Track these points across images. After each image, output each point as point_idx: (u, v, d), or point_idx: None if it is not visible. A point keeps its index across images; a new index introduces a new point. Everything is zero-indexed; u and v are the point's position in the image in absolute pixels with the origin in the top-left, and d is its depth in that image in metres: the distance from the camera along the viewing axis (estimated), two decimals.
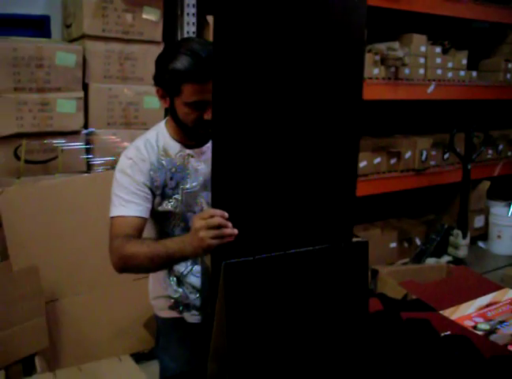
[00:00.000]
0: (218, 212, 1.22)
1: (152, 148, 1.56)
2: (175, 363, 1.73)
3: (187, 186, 1.57)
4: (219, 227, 1.21)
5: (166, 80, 1.48)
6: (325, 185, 1.32)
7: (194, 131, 1.52)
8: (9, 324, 2.28)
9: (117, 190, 1.54)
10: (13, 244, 2.56)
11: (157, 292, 1.74)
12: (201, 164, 1.59)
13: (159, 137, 1.59)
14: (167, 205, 1.57)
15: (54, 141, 2.70)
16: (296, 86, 1.24)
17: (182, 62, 1.43)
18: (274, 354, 1.20)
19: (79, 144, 2.78)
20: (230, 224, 1.22)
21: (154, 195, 1.55)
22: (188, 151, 1.58)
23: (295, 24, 1.20)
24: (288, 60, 1.22)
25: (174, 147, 1.58)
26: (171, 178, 1.56)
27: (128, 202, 1.51)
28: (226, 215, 1.22)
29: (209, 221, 1.22)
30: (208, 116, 1.45)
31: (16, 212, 2.57)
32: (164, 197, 1.56)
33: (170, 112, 1.54)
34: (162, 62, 1.51)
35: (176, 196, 1.57)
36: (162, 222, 1.61)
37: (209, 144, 1.56)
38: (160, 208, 1.57)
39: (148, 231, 1.62)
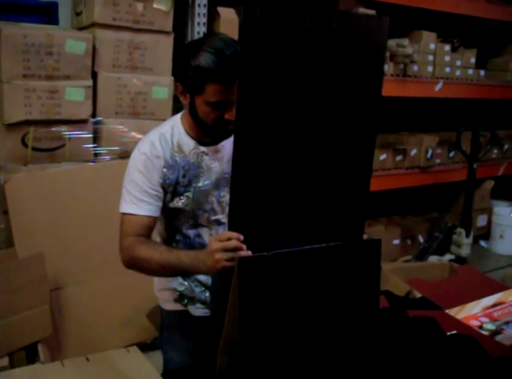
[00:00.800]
0: (235, 235, 1.24)
1: (166, 144, 1.54)
2: (179, 356, 1.73)
3: (199, 184, 1.56)
4: (234, 249, 1.24)
5: (188, 78, 1.45)
6: (340, 181, 1.32)
7: (213, 130, 1.50)
8: (13, 312, 2.28)
9: (129, 186, 1.53)
10: (19, 231, 2.56)
11: (162, 284, 1.74)
12: (214, 163, 1.57)
13: (174, 132, 1.57)
14: (178, 203, 1.56)
15: (62, 129, 2.69)
16: (318, 86, 1.24)
17: (206, 60, 1.39)
18: (285, 349, 1.20)
19: (86, 133, 2.76)
20: (245, 247, 1.24)
21: (165, 192, 1.54)
22: (202, 148, 1.56)
23: (319, 37, 1.20)
24: (312, 63, 1.22)
25: (188, 144, 1.56)
26: (184, 176, 1.54)
27: (140, 201, 1.51)
28: (242, 238, 1.24)
29: (227, 244, 1.24)
30: (229, 116, 1.43)
31: (23, 200, 2.57)
32: (176, 194, 1.55)
33: (189, 109, 1.51)
34: (184, 58, 1.46)
35: (188, 193, 1.55)
36: (171, 217, 1.61)
37: (224, 143, 1.56)
38: (170, 205, 1.56)
39: (157, 225, 1.62)
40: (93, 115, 2.79)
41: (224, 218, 1.59)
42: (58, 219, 2.65)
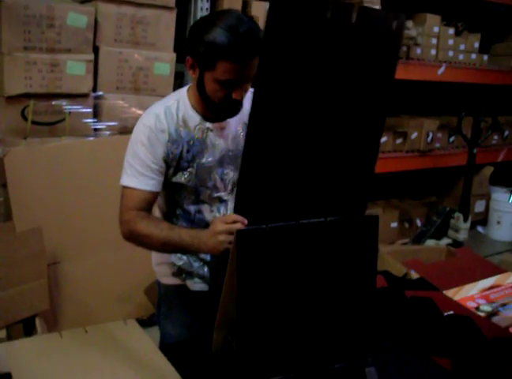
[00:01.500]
0: (240, 218, 1.24)
1: (171, 117, 1.52)
2: (176, 330, 1.74)
3: (203, 161, 1.54)
4: None
5: (200, 53, 1.41)
6: (347, 162, 1.32)
7: (219, 107, 1.48)
8: (10, 285, 2.28)
9: (131, 159, 1.52)
10: (17, 205, 2.55)
11: (161, 258, 1.74)
12: (219, 139, 1.55)
13: (179, 106, 1.54)
14: (181, 178, 1.55)
15: (62, 103, 2.67)
16: (333, 74, 1.25)
17: (220, 37, 1.36)
18: (281, 323, 1.21)
19: (87, 108, 2.74)
20: None
21: (168, 167, 1.53)
22: (208, 124, 1.54)
23: (339, 29, 1.22)
24: (330, 53, 1.22)
25: (194, 118, 1.54)
26: (188, 151, 1.53)
27: (142, 175, 1.49)
28: (246, 222, 1.24)
29: (232, 226, 1.25)
30: (236, 96, 1.42)
31: (22, 173, 2.56)
32: (178, 169, 1.54)
33: (197, 84, 1.48)
34: (197, 32, 1.43)
35: (190, 169, 1.54)
36: (173, 192, 1.60)
37: (230, 120, 1.55)
38: (173, 179, 1.55)
39: (158, 199, 1.61)
40: (94, 90, 2.77)
41: (225, 195, 1.59)
42: (57, 194, 2.64)
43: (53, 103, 2.65)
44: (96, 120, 2.80)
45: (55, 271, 2.62)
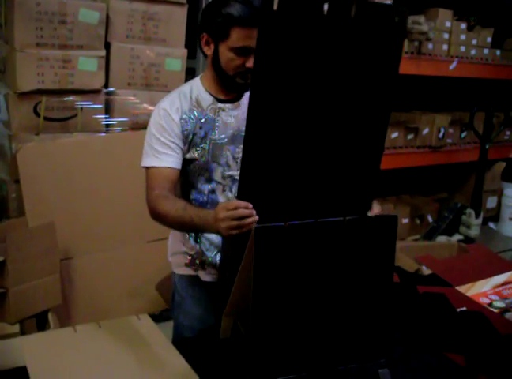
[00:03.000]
0: (243, 203, 1.25)
1: (185, 99, 1.60)
2: (188, 321, 1.76)
3: (215, 137, 1.60)
4: (241, 218, 1.25)
5: (216, 24, 1.50)
6: (352, 157, 1.32)
7: (233, 80, 1.55)
8: (23, 280, 2.30)
9: (150, 140, 1.59)
10: (30, 200, 2.57)
11: (175, 248, 1.78)
12: (230, 118, 1.61)
13: (193, 89, 1.63)
14: (194, 153, 1.60)
15: (74, 99, 2.69)
16: (335, 70, 1.25)
17: (234, 7, 1.47)
18: (296, 321, 1.21)
19: (98, 104, 2.76)
20: (254, 212, 1.24)
21: (183, 144, 1.59)
22: (220, 104, 1.61)
23: (337, 25, 1.22)
24: (330, 49, 1.23)
25: (206, 99, 1.61)
26: (201, 128, 1.59)
27: (161, 153, 1.56)
28: (250, 206, 1.24)
29: (233, 213, 1.25)
30: (249, 64, 1.47)
31: (34, 169, 2.57)
32: (192, 145, 1.60)
33: (212, 60, 1.56)
34: (213, 7, 1.53)
35: (203, 145, 1.60)
36: (187, 170, 1.64)
37: (242, 101, 1.62)
38: (187, 156, 1.60)
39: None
40: (105, 86, 2.79)
41: (237, 175, 1.61)
42: (69, 189, 2.65)
43: (65, 99, 2.67)
44: (107, 116, 2.81)
45: (68, 266, 2.64)
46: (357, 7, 1.20)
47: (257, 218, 1.24)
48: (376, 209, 1.40)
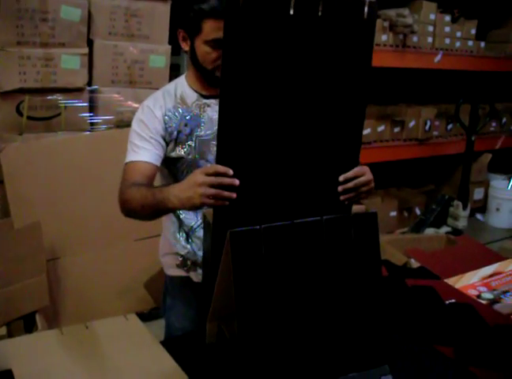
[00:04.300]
0: (222, 168, 1.19)
1: (169, 96, 1.59)
2: (180, 323, 1.74)
3: (201, 133, 1.58)
4: (219, 186, 1.19)
5: (188, 19, 1.50)
6: (328, 153, 1.31)
7: (212, 74, 1.53)
8: (10, 282, 2.28)
9: (131, 138, 1.57)
10: (15, 201, 2.54)
11: (166, 249, 1.76)
12: (216, 114, 1.57)
13: (177, 87, 1.61)
14: (180, 151, 1.58)
15: (58, 98, 2.66)
16: (306, 69, 1.24)
17: (204, 0, 1.45)
18: (286, 328, 1.18)
19: (82, 102, 2.73)
20: (236, 182, 1.19)
21: (167, 142, 1.57)
22: (205, 100, 1.60)
23: (305, 23, 1.21)
24: (299, 49, 1.22)
25: (191, 96, 1.60)
26: (186, 125, 1.57)
27: (140, 148, 1.53)
28: (231, 172, 1.19)
29: (213, 179, 1.19)
30: None
31: (19, 169, 2.55)
32: (178, 142, 1.57)
33: (190, 56, 1.55)
34: (185, 2, 1.53)
35: (190, 142, 1.58)
36: (174, 169, 1.61)
37: None
38: (172, 154, 1.58)
39: (161, 180, 1.66)
40: (89, 84, 2.76)
41: None
42: (55, 189, 2.63)
43: (48, 97, 2.64)
44: (91, 114, 2.78)
45: (55, 266, 2.62)
46: (324, 5, 1.20)
47: (234, 195, 1.19)
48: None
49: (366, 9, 1.24)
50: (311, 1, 1.19)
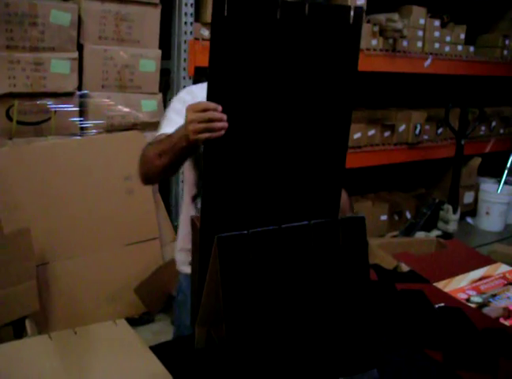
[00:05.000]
0: (212, 105, 1.19)
1: (202, 89, 1.51)
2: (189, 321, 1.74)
3: None
4: (210, 120, 1.19)
5: None
6: (315, 157, 1.31)
7: None
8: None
9: (167, 113, 1.60)
10: (4, 206, 2.53)
11: (181, 244, 1.77)
12: None
13: None
14: None
15: (48, 103, 2.65)
16: (292, 74, 1.25)
17: None
18: (274, 333, 1.18)
19: (72, 106, 2.72)
20: (225, 117, 1.19)
21: None
22: None
23: (291, 28, 1.22)
24: (284, 54, 1.22)
25: None
26: None
27: (173, 121, 1.51)
28: (220, 108, 1.19)
29: (201, 115, 1.19)
30: None
31: (8, 174, 2.54)
32: None
33: None
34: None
35: None
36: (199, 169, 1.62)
37: None
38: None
39: (188, 182, 1.69)
40: (79, 88, 2.75)
41: None
42: (45, 194, 2.62)
43: (38, 102, 2.63)
44: (82, 119, 2.77)
45: (44, 271, 2.61)
46: (310, 10, 1.20)
47: (226, 124, 1.19)
48: None
49: (352, 13, 1.25)
50: (297, 5, 1.20)
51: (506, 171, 5.04)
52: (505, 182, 4.99)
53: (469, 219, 5.08)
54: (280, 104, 1.25)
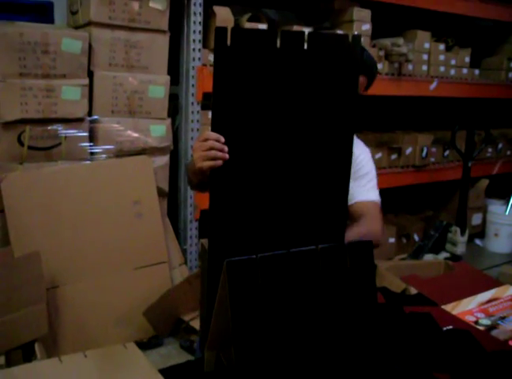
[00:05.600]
0: (213, 135, 1.25)
1: None
2: None
3: None
4: (211, 149, 1.25)
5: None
6: (320, 182, 1.34)
7: None
8: (9, 310, 2.28)
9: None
10: (15, 230, 2.56)
11: None
12: None
13: None
14: None
15: (58, 128, 2.69)
16: (293, 102, 1.29)
17: None
18: (280, 349, 1.19)
19: (82, 132, 2.76)
20: (225, 148, 1.24)
21: None
22: None
23: (291, 57, 1.26)
24: (285, 82, 1.27)
25: None
26: None
27: None
28: (222, 139, 1.25)
29: (202, 144, 1.26)
30: None
31: (19, 198, 2.57)
32: None
33: None
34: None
35: None
36: None
37: None
38: None
39: None
40: (89, 114, 2.79)
41: None
42: (55, 218, 2.65)
43: (49, 127, 2.67)
44: (91, 144, 2.81)
45: (54, 295, 2.62)
46: (309, 39, 1.24)
47: (227, 156, 1.24)
48: None
49: (350, 43, 1.28)
50: (297, 34, 1.24)
51: None
52: None
53: (478, 241, 5.06)
54: (285, 131, 1.28)
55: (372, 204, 2.04)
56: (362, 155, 2.02)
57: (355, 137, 1.54)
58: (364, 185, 2.00)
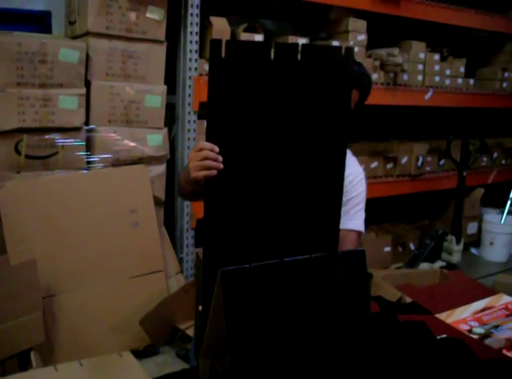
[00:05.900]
0: (208, 145, 1.27)
1: None
2: None
3: None
4: (205, 159, 1.28)
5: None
6: (313, 191, 1.35)
7: None
8: (5, 319, 2.27)
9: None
10: (12, 238, 2.56)
11: None
12: None
13: None
14: None
15: (55, 137, 2.70)
16: (287, 114, 1.31)
17: None
18: (274, 358, 1.20)
19: (79, 141, 2.78)
20: (220, 158, 1.27)
21: None
22: None
23: (284, 68, 1.29)
24: (279, 93, 1.29)
25: None
26: None
27: None
28: (216, 149, 1.27)
29: (197, 154, 1.29)
30: None
31: (16, 207, 2.58)
32: None
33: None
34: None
35: None
36: None
37: None
38: None
39: None
40: (86, 123, 2.81)
41: None
42: (51, 227, 2.65)
43: (46, 137, 2.68)
44: (88, 153, 2.83)
45: (50, 303, 2.62)
46: (303, 51, 1.26)
47: (221, 166, 1.27)
48: None
49: (343, 55, 1.30)
50: (290, 46, 1.26)
51: (509, 202, 5.06)
52: (508, 213, 5.00)
53: (474, 250, 5.07)
54: (278, 141, 1.29)
55: (351, 235, 2.04)
56: (351, 176, 1.98)
57: (349, 154, 1.56)
58: (347, 212, 1.97)
